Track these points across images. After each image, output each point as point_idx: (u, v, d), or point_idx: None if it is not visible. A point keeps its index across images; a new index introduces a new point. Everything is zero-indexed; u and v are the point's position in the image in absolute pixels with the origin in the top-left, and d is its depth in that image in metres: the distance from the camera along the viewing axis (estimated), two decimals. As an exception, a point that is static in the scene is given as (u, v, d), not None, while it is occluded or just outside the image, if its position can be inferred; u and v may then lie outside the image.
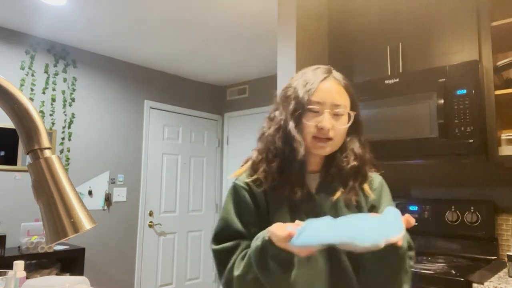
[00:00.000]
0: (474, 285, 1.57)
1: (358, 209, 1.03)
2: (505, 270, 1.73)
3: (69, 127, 3.59)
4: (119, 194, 3.91)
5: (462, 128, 1.80)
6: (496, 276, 1.65)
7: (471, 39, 1.92)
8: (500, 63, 1.93)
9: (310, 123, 0.99)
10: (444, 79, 1.85)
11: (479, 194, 2.11)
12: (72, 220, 0.46)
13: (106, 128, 3.88)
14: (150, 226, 4.15)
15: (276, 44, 2.33)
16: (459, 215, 2.07)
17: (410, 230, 0.87)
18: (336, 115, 1.00)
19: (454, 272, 1.70)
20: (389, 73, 2.12)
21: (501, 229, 2.04)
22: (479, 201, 2.06)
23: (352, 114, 1.02)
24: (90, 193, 3.69)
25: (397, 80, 2.01)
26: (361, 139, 1.06)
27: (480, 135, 1.77)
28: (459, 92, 1.82)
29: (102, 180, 3.80)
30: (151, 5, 2.84)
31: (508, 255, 1.64)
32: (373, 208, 1.05)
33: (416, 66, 2.05)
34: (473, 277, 1.63)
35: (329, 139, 0.99)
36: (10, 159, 3.22)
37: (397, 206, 0.93)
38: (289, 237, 0.81)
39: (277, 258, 0.86)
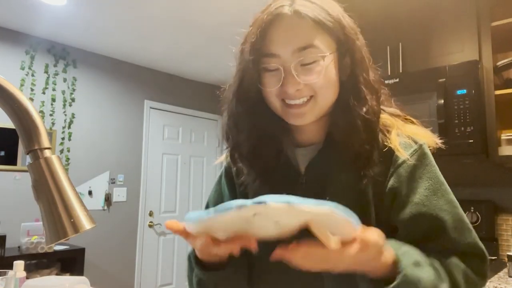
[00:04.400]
0: (474, 285, 1.56)
1: (361, 201, 0.69)
2: (505, 270, 1.73)
3: (69, 127, 3.59)
4: (119, 194, 3.91)
5: (462, 128, 1.80)
6: (496, 276, 1.65)
7: (471, 39, 1.92)
8: (500, 63, 1.93)
9: (270, 89, 0.70)
10: (444, 79, 1.85)
11: (479, 194, 2.11)
12: (72, 220, 0.46)
13: (106, 128, 3.88)
14: (150, 226, 4.15)
15: (276, 44, 2.33)
16: (459, 215, 2.07)
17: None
18: (305, 64, 0.67)
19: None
20: (389, 73, 2.12)
21: (501, 229, 2.04)
22: (479, 201, 2.06)
23: (330, 56, 0.68)
24: (90, 193, 3.69)
25: (397, 80, 2.01)
26: (363, 83, 0.70)
27: (480, 135, 1.77)
28: (459, 92, 1.82)
29: (102, 180, 3.80)
30: (151, 5, 2.84)
31: (508, 255, 1.64)
32: (394, 199, 0.69)
33: (416, 66, 2.05)
34: (473, 277, 1.62)
35: (307, 100, 0.69)
36: (10, 159, 3.22)
37: None
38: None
39: (194, 273, 0.72)
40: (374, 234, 0.55)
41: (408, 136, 0.72)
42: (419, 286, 0.57)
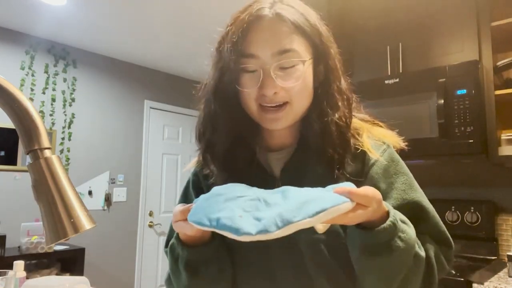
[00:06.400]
0: (474, 285, 1.56)
1: None
2: (505, 270, 1.73)
3: (69, 127, 3.59)
4: (119, 194, 3.91)
5: (462, 128, 1.80)
6: (496, 276, 1.65)
7: (471, 39, 1.92)
8: (500, 63, 1.93)
9: (248, 91, 0.70)
10: (444, 79, 1.85)
11: (479, 194, 2.11)
12: (72, 220, 0.46)
13: (106, 128, 3.88)
14: (150, 226, 4.15)
15: (276, 44, 2.33)
16: (459, 215, 2.07)
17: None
18: (284, 68, 0.68)
19: (454, 272, 1.70)
20: (389, 73, 2.12)
21: (501, 229, 2.03)
22: (479, 201, 2.06)
23: (309, 61, 0.70)
24: (90, 193, 3.69)
25: (397, 80, 2.01)
26: (336, 90, 0.73)
27: (480, 135, 1.77)
28: (459, 92, 1.82)
29: (102, 180, 3.80)
30: (151, 5, 2.84)
31: (508, 255, 1.64)
32: None
33: (416, 66, 2.05)
34: (473, 277, 1.62)
35: (283, 104, 0.69)
36: (10, 159, 3.22)
37: None
38: (184, 213, 0.61)
39: (180, 257, 0.70)
40: (369, 189, 0.58)
41: (377, 138, 0.77)
42: (401, 236, 0.60)
